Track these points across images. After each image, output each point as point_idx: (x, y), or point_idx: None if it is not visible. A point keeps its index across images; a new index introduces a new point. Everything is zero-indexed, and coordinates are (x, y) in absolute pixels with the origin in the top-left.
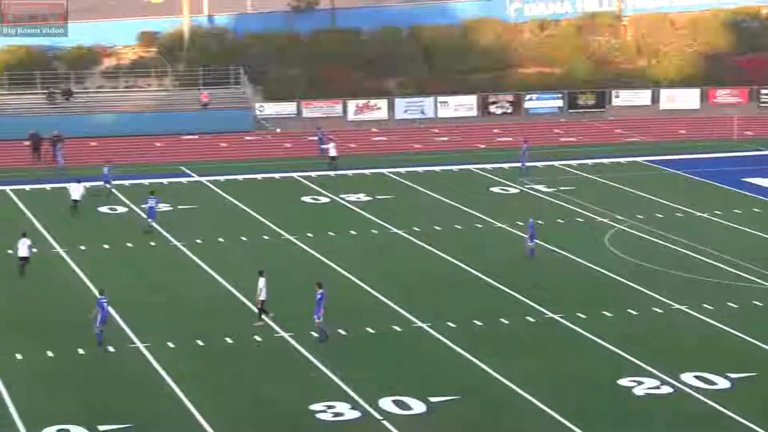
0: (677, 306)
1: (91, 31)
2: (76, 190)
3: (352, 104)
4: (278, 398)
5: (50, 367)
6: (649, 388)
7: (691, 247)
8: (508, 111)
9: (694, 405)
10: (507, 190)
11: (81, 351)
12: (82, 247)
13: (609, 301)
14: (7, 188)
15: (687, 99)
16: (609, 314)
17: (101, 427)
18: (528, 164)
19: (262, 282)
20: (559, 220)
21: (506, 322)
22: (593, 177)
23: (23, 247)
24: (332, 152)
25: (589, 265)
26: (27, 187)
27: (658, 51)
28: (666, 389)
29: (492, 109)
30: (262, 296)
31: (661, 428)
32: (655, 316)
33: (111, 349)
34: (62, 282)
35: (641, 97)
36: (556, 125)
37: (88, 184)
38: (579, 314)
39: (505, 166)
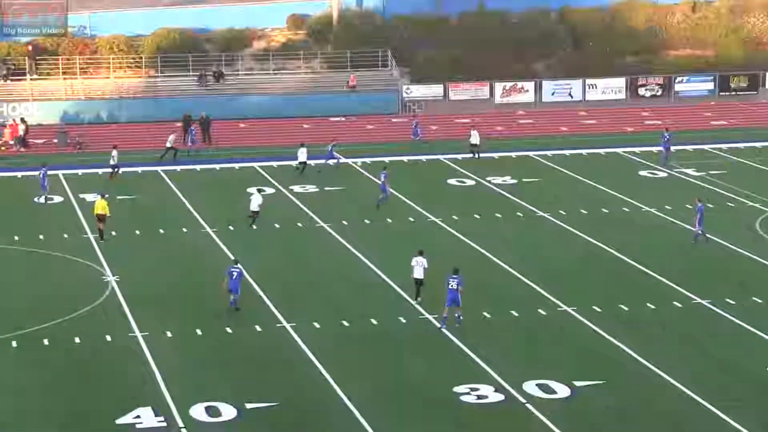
0: None
1: (241, 14)
2: (255, 200)
3: (499, 87)
4: (422, 380)
5: (199, 345)
6: None
7: None
8: (658, 94)
9: None
10: (655, 174)
11: (228, 330)
12: (231, 227)
13: (760, 288)
14: (159, 168)
15: None
16: (759, 300)
17: (249, 405)
18: (673, 149)
19: (416, 260)
20: (709, 205)
21: (653, 307)
22: (744, 161)
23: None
24: (473, 140)
25: (740, 251)
26: (178, 168)
27: None
28: None
29: (641, 91)
30: (418, 274)
31: None
32: None
33: (258, 328)
34: (215, 259)
35: None
36: (707, 108)
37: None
38: (728, 300)
39: (654, 149)
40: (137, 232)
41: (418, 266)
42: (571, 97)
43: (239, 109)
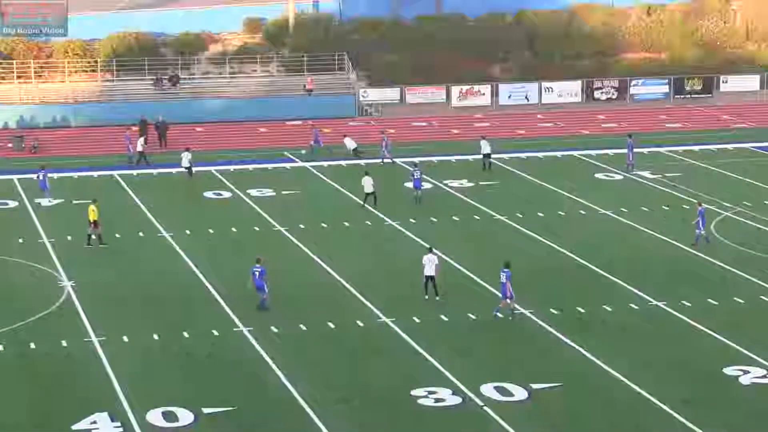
0: None
1: (197, 18)
2: (367, 182)
3: (456, 90)
4: (381, 383)
5: (155, 350)
6: (755, 377)
7: None
8: (613, 97)
9: None
10: (611, 177)
11: (185, 334)
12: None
13: (714, 288)
14: (115, 173)
15: None
16: (714, 302)
17: (205, 410)
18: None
19: (427, 258)
20: (664, 207)
21: (609, 309)
22: (699, 163)
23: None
24: (485, 149)
25: (694, 252)
26: (134, 173)
27: (767, 35)
28: None
29: (597, 94)
30: (429, 271)
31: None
32: (762, 305)
33: (215, 332)
34: (169, 263)
35: (750, 82)
36: (662, 111)
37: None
38: (684, 302)
39: (610, 152)
40: (93, 236)
41: (430, 264)
42: (528, 100)
43: (196, 113)
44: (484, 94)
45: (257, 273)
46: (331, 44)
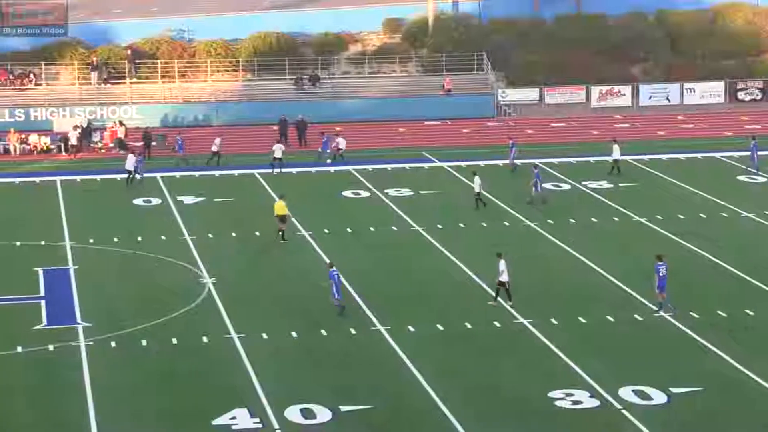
0: None
1: (337, 18)
2: (476, 182)
3: (595, 90)
4: (516, 384)
5: (294, 347)
6: None
7: None
8: (758, 98)
9: None
10: (755, 180)
11: (323, 332)
12: (326, 230)
13: None
14: (255, 172)
15: None
16: None
17: (343, 407)
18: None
19: (502, 264)
20: None
21: (752, 313)
22: None
23: None
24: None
25: None
26: (274, 172)
27: None
28: None
29: (740, 95)
30: (504, 277)
31: None
32: None
33: (353, 331)
34: (308, 262)
35: None
36: None
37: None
38: None
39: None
40: (233, 234)
41: (503, 269)
42: (669, 101)
43: (335, 113)
44: (624, 94)
45: (337, 276)
46: (470, 44)
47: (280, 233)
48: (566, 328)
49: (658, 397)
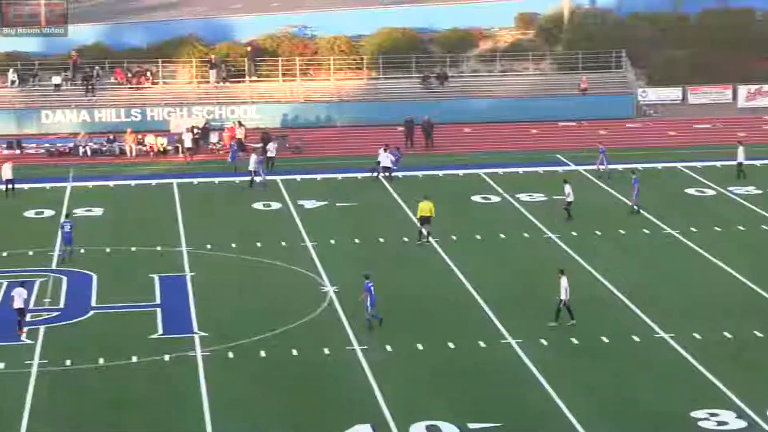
0: None
1: (467, 13)
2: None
3: (743, 90)
4: (656, 402)
5: (419, 361)
6: None
7: None
8: None
9: None
10: None
11: (450, 345)
12: (453, 237)
13: None
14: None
15: None
16: None
17: (471, 425)
18: None
19: (564, 281)
20: None
21: None
22: None
23: None
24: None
25: None
26: (400, 174)
27: None
28: None
29: None
30: (564, 295)
31: None
32: None
33: (481, 344)
34: (434, 270)
35: None
36: None
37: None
38: None
39: None
40: (356, 240)
41: (565, 285)
42: None
43: (463, 113)
44: None
45: (371, 286)
46: (608, 41)
47: (426, 235)
48: (709, 342)
49: None
